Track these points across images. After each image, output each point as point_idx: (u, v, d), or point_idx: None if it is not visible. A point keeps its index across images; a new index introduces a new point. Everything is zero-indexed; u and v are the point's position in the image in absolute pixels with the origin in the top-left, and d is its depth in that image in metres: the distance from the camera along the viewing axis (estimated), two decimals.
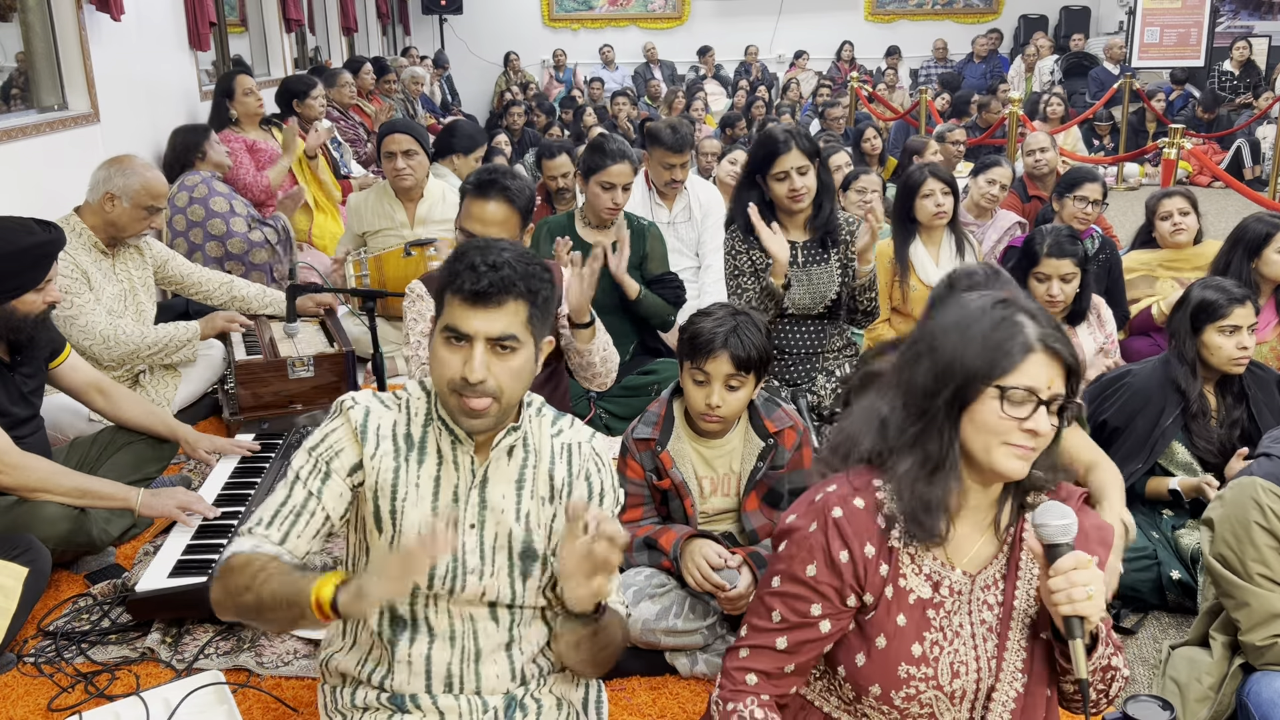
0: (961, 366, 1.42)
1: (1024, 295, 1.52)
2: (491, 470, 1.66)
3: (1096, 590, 1.38)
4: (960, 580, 1.51)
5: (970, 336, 1.43)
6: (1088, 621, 1.40)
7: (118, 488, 2.64)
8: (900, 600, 1.50)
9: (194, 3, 5.63)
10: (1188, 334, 2.67)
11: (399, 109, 8.53)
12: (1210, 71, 10.95)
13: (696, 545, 2.25)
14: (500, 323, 1.55)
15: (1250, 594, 1.99)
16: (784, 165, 3.11)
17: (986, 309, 1.45)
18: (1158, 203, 4.10)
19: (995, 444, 1.42)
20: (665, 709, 2.21)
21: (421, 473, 1.65)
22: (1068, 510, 1.42)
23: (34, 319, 2.71)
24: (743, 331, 2.23)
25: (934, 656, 1.49)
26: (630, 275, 3.50)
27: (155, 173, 3.49)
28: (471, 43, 13.21)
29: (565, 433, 1.74)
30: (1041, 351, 1.41)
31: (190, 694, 2.14)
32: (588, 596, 1.56)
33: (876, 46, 13.25)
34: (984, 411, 1.41)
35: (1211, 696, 2.07)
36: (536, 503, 1.68)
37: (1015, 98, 8.02)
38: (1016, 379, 1.40)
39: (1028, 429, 1.40)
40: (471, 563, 1.65)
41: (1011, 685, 1.50)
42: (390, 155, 4.28)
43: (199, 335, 3.64)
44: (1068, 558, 1.40)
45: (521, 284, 1.56)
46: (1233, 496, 2.06)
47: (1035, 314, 1.45)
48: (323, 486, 1.63)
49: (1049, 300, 3.21)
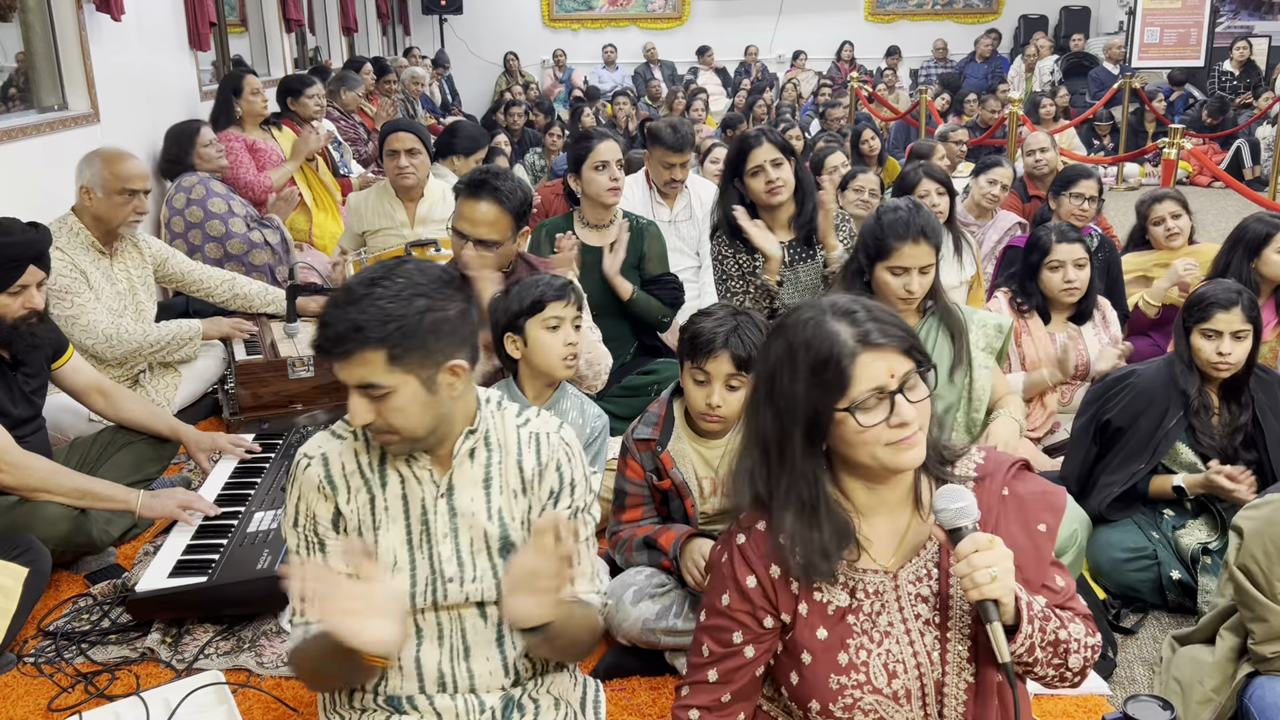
0: (798, 403, 1.38)
1: (836, 297, 1.46)
2: (455, 478, 1.65)
3: (1001, 570, 1.34)
4: (878, 580, 1.48)
5: (798, 368, 1.39)
6: (1001, 604, 1.35)
7: (118, 489, 2.64)
8: (818, 613, 1.47)
9: (194, 3, 5.63)
10: (1182, 333, 2.67)
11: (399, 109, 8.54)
12: (1210, 71, 10.96)
13: (697, 545, 2.25)
14: (355, 373, 1.50)
15: (1270, 611, 1.98)
16: (757, 160, 3.14)
17: (800, 326, 1.41)
18: (1149, 207, 4.10)
19: (878, 449, 1.38)
20: (665, 709, 2.21)
21: (388, 495, 1.65)
22: (963, 491, 1.38)
23: (10, 324, 2.65)
24: (743, 331, 2.23)
25: (861, 661, 1.46)
26: (629, 275, 3.49)
27: (124, 158, 3.46)
28: (471, 43, 13.21)
29: (532, 422, 1.72)
30: (866, 351, 1.37)
31: (190, 694, 2.13)
32: (524, 617, 1.51)
33: (876, 46, 13.25)
34: (846, 431, 1.38)
35: (1214, 698, 2.06)
36: (508, 497, 1.67)
37: (1015, 98, 8.01)
38: (858, 389, 1.36)
39: (896, 423, 1.37)
40: (450, 571, 1.65)
41: (961, 676, 1.46)
42: (393, 153, 4.28)
43: (201, 335, 3.64)
44: (965, 542, 1.36)
45: (367, 332, 1.47)
46: (1269, 513, 2.02)
47: (849, 311, 1.40)
48: (324, 556, 1.64)
49: (1068, 286, 3.24)
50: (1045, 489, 1.52)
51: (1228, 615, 2.15)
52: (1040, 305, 3.34)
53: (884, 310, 1.43)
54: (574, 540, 1.53)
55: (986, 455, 1.53)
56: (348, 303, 1.49)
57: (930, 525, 1.48)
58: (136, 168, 3.48)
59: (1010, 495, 1.50)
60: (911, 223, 2.57)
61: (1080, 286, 3.25)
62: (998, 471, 1.51)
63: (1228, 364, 2.59)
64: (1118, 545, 2.62)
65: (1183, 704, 2.10)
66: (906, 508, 1.50)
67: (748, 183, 3.19)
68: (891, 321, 1.41)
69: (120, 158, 3.45)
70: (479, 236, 2.80)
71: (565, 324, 2.45)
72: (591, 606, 1.71)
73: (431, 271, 1.55)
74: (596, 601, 1.73)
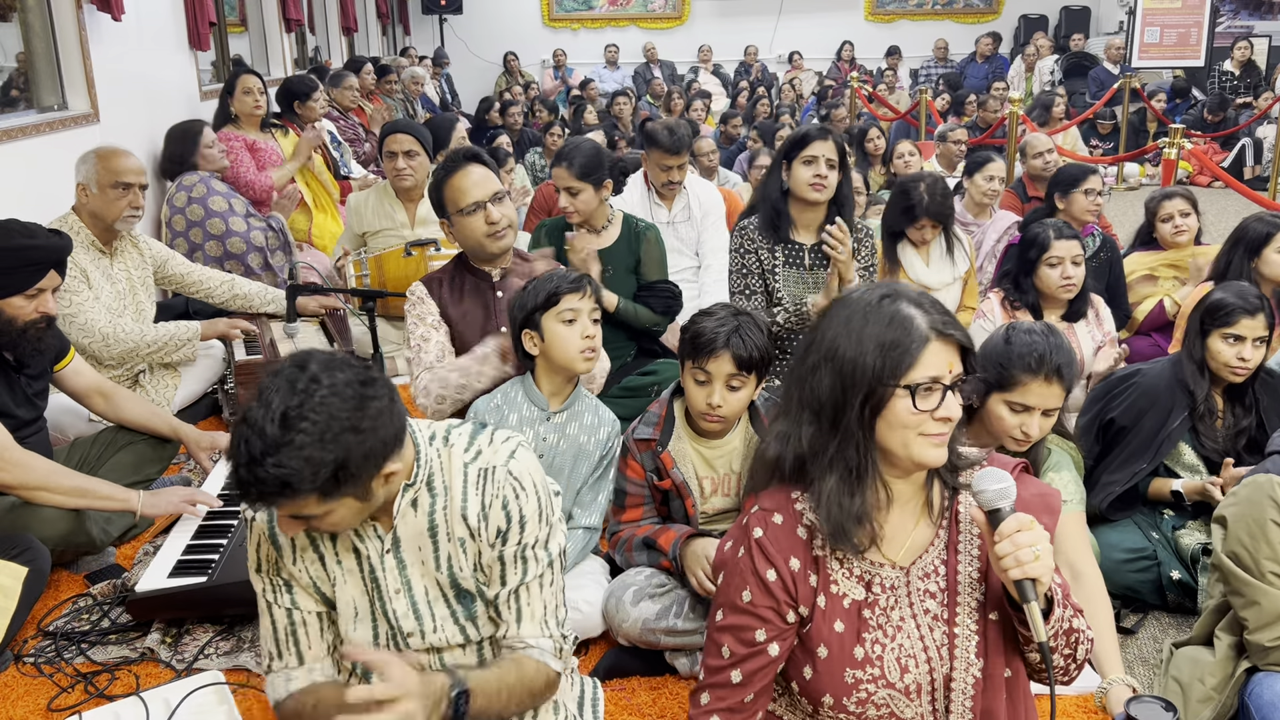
0: (864, 372, 1.41)
1: (906, 286, 1.51)
2: (400, 530, 1.59)
3: (1044, 549, 1.36)
4: (893, 575, 1.50)
5: (865, 339, 1.42)
6: (1039, 583, 1.37)
7: (119, 489, 2.63)
8: (835, 606, 1.49)
9: (194, 3, 5.63)
10: (1196, 335, 2.66)
11: (399, 109, 8.54)
12: (1210, 71, 10.95)
13: (699, 546, 2.25)
14: (286, 508, 1.42)
15: (1261, 592, 1.98)
16: (815, 150, 3.14)
17: (873, 306, 1.44)
18: (1158, 204, 4.10)
19: (911, 437, 1.42)
20: (665, 709, 2.21)
21: (340, 549, 1.61)
22: (1004, 474, 1.41)
23: (21, 326, 2.66)
24: (744, 331, 2.22)
25: (877, 655, 1.48)
26: (625, 279, 3.47)
27: (118, 154, 3.46)
28: (471, 43, 13.21)
29: (483, 454, 1.60)
30: (937, 339, 1.41)
31: (190, 694, 2.13)
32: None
33: (876, 46, 13.25)
34: (896, 411, 1.41)
35: (1214, 697, 2.06)
36: (455, 545, 1.60)
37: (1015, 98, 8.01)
38: (920, 373, 1.40)
39: (940, 417, 1.41)
40: (408, 626, 1.62)
41: (968, 670, 1.48)
42: (391, 155, 4.29)
43: (200, 335, 3.64)
44: (1009, 520, 1.38)
45: (297, 488, 1.35)
46: (1248, 494, 2.05)
47: (921, 302, 1.44)
48: (293, 596, 1.61)
49: (1066, 282, 3.25)
50: (1043, 491, 1.55)
51: (1220, 614, 2.16)
52: (1034, 303, 3.34)
53: (954, 316, 1.46)
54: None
55: (989, 458, 1.56)
56: (265, 453, 1.33)
57: (934, 523, 1.52)
58: (131, 162, 3.49)
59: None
60: (1048, 358, 2.22)
61: (1077, 283, 3.27)
62: (1005, 470, 1.52)
63: (1246, 369, 2.60)
64: (1118, 546, 2.62)
65: (1183, 703, 2.10)
66: (916, 507, 1.53)
67: (795, 169, 3.18)
68: (960, 326, 1.46)
69: (114, 153, 3.46)
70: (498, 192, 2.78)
71: (582, 316, 2.42)
72: (534, 654, 1.61)
73: (347, 390, 1.39)
74: (548, 646, 1.63)
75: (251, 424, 1.35)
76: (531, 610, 1.62)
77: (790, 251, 3.28)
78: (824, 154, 3.14)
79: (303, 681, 1.62)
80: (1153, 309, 3.94)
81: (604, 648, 2.37)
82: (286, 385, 1.37)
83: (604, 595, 2.35)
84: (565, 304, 2.39)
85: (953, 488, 1.53)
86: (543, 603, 1.64)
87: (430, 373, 2.67)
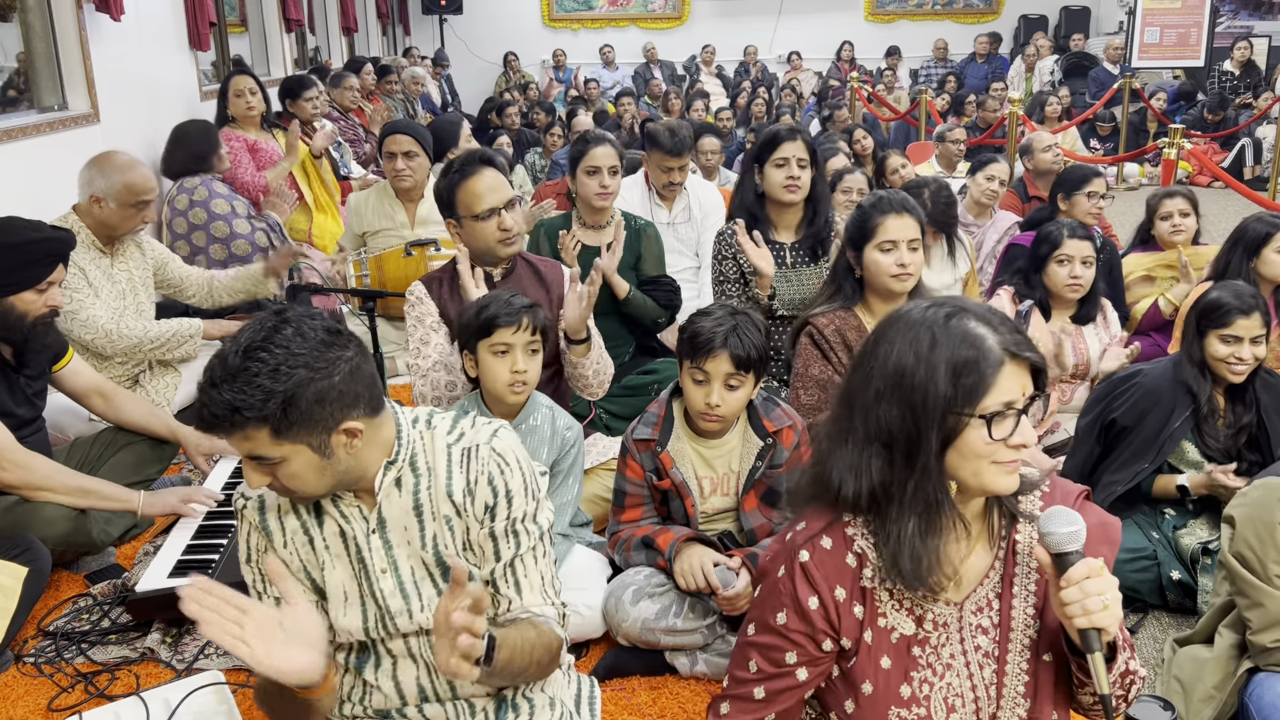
0: (936, 401, 1.29)
1: (970, 300, 1.40)
2: (385, 510, 1.59)
3: (1113, 598, 1.29)
4: (945, 612, 1.42)
5: (935, 364, 1.30)
6: (1105, 632, 1.30)
7: (119, 490, 2.64)
8: (882, 641, 1.41)
9: (194, 3, 5.63)
10: (1194, 335, 2.67)
11: (399, 109, 8.54)
12: (1210, 71, 10.95)
13: (694, 553, 2.25)
14: (242, 446, 1.44)
15: (1266, 595, 1.98)
16: (786, 152, 3.17)
17: (940, 325, 1.32)
18: (1159, 202, 4.12)
19: (984, 466, 1.32)
20: (665, 709, 2.21)
21: (326, 533, 1.61)
22: (1075, 515, 1.32)
23: (31, 322, 2.69)
24: (742, 331, 2.23)
25: (924, 695, 1.41)
26: (625, 275, 3.49)
27: (137, 170, 3.43)
28: (471, 43, 13.21)
29: (465, 435, 1.62)
30: (1010, 362, 1.31)
31: (190, 694, 2.13)
32: (449, 668, 1.37)
33: (876, 46, 13.25)
34: (969, 441, 1.31)
35: (1215, 696, 2.06)
36: (440, 524, 1.60)
37: (1015, 98, 8.01)
38: (995, 399, 1.30)
39: (1015, 444, 1.31)
40: (395, 606, 1.62)
41: (1014, 711, 1.42)
42: (391, 155, 4.29)
43: (202, 333, 3.63)
44: (1079, 566, 1.30)
45: (245, 413, 1.39)
46: (1258, 496, 2.04)
47: (989, 319, 1.33)
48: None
49: (1073, 281, 3.25)
50: (1104, 520, 1.47)
51: (1225, 612, 2.16)
52: (1042, 300, 3.35)
53: (1024, 333, 1.37)
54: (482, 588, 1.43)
55: (1051, 482, 1.48)
56: (223, 379, 1.39)
57: (991, 552, 1.44)
58: (150, 180, 3.47)
59: None
60: (892, 198, 2.64)
61: (1085, 284, 3.27)
62: (1065, 501, 1.45)
63: (1244, 368, 2.60)
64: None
65: (1184, 703, 2.10)
66: (974, 532, 1.43)
67: (768, 172, 3.21)
68: (1027, 337, 1.35)
69: (133, 167, 3.42)
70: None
71: (515, 350, 2.34)
72: (542, 621, 1.63)
73: (312, 334, 1.44)
74: (551, 614, 1.65)
75: (220, 355, 1.43)
76: (530, 581, 1.64)
77: (771, 252, 3.29)
78: (795, 155, 3.17)
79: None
80: (1149, 308, 3.96)
81: (604, 647, 2.38)
82: (258, 325, 1.44)
83: (604, 595, 2.35)
84: (498, 336, 2.34)
85: (1011, 514, 1.44)
86: (539, 573, 1.65)
87: (424, 379, 2.68)
